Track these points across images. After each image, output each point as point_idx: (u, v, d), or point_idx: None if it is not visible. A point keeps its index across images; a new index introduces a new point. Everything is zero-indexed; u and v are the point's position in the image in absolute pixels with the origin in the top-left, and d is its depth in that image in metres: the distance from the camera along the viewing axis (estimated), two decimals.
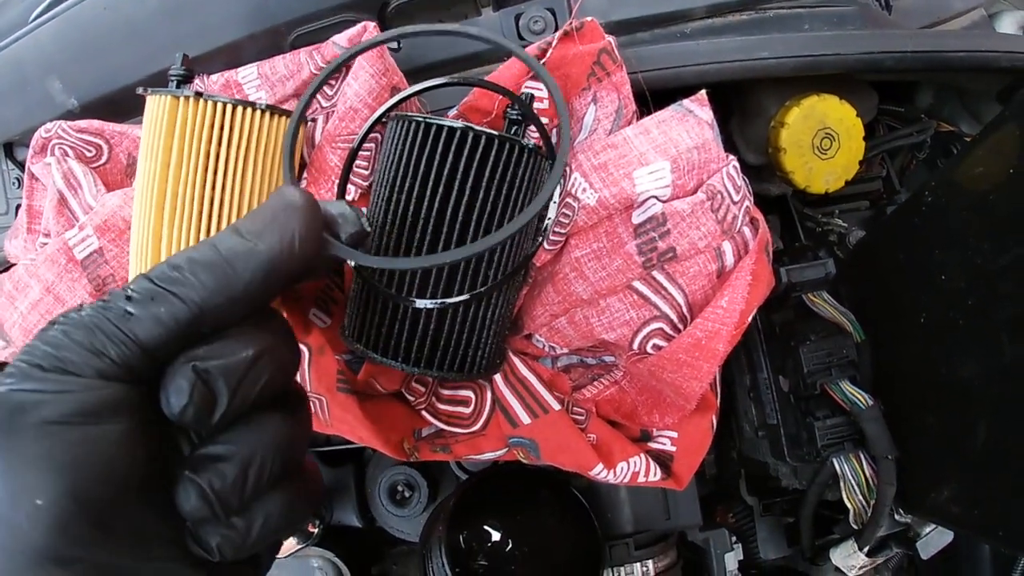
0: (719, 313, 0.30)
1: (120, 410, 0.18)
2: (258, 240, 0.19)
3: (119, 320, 0.18)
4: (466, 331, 0.30)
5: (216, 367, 0.18)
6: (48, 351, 0.18)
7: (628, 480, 0.34)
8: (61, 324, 0.18)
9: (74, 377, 0.18)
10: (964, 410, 0.39)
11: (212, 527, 0.19)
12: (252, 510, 0.19)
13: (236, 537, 0.19)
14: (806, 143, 0.42)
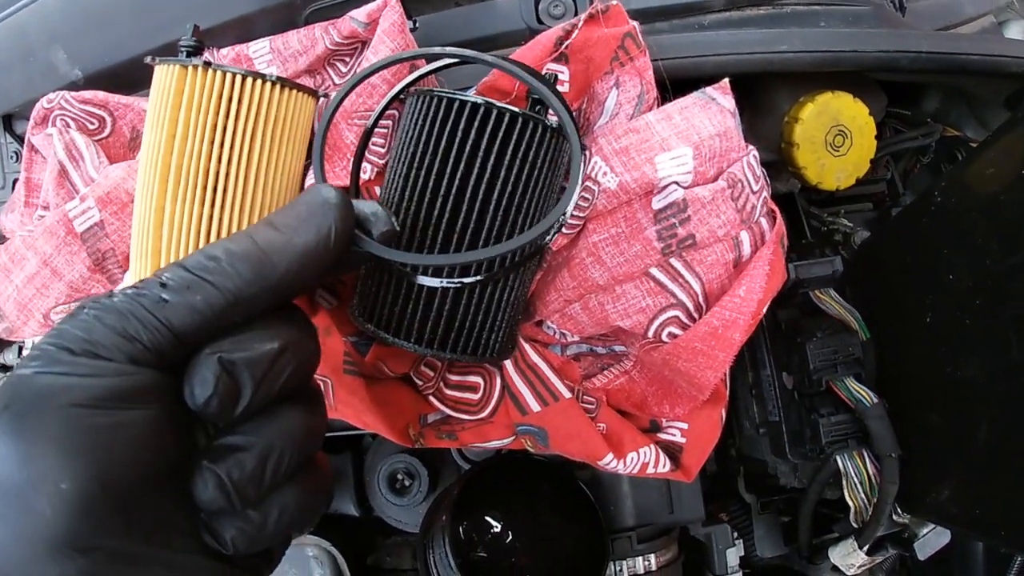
0: (736, 302, 0.29)
1: (150, 396, 0.18)
2: (294, 234, 0.20)
3: (154, 306, 0.18)
4: (480, 313, 0.29)
5: (242, 359, 0.19)
6: (78, 335, 0.18)
7: (638, 471, 0.34)
8: (92, 308, 0.18)
9: (105, 361, 0.17)
10: (968, 410, 0.39)
11: (228, 519, 0.19)
12: (268, 503, 0.19)
13: (251, 530, 0.19)
14: (819, 139, 0.42)
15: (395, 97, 0.32)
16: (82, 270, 0.36)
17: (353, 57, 0.37)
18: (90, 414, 0.17)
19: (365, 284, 0.30)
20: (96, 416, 0.17)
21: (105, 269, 0.37)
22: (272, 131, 0.30)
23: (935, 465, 0.43)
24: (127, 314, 0.18)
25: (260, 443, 0.19)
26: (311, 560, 0.46)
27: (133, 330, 0.18)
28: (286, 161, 0.31)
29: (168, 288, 0.19)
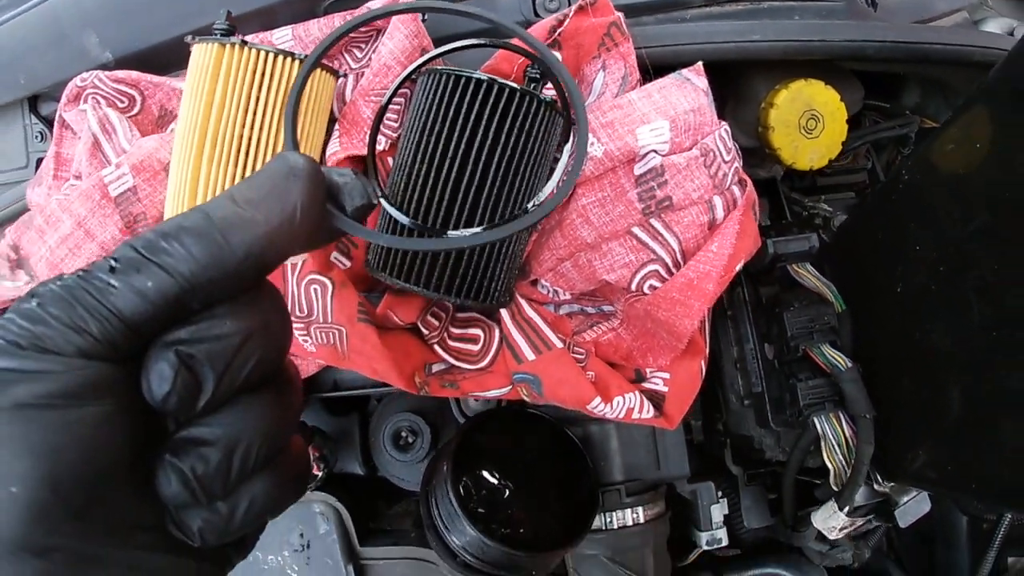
0: (709, 256, 0.35)
1: (102, 391, 0.17)
2: (255, 210, 0.18)
3: (100, 293, 0.17)
4: (483, 262, 0.34)
5: (201, 351, 0.17)
6: (25, 326, 0.17)
7: (623, 416, 0.39)
8: (38, 296, 0.17)
9: (53, 356, 0.16)
10: (936, 374, 0.44)
11: (194, 511, 0.19)
12: (237, 494, 0.19)
13: (219, 522, 0.19)
14: (793, 122, 0.48)
15: (408, 77, 0.38)
16: (114, 232, 0.41)
17: (368, 44, 0.43)
18: (39, 413, 0.16)
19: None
20: (46, 415, 0.16)
21: (135, 232, 0.42)
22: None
23: (910, 431, 0.49)
24: (73, 302, 0.17)
25: (225, 436, 0.18)
26: (317, 516, 0.51)
27: (81, 320, 0.17)
28: (309, 130, 0.37)
29: (116, 272, 0.17)
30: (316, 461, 0.49)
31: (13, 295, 0.45)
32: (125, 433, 0.17)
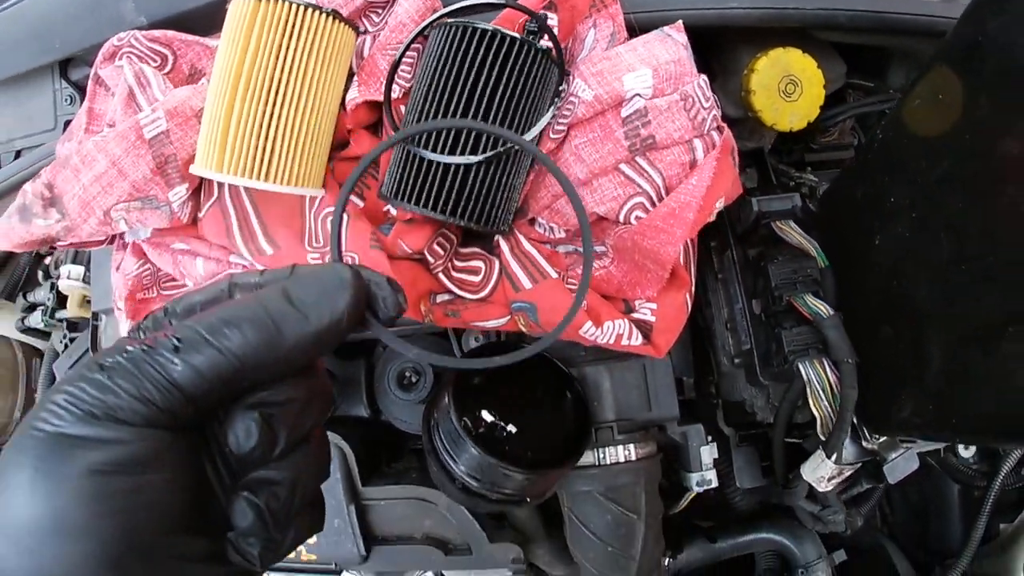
0: (689, 188, 0.40)
1: (166, 457, 0.21)
2: (308, 311, 0.23)
3: (164, 368, 0.21)
4: (485, 189, 0.40)
5: (278, 412, 0.23)
6: (98, 397, 0.20)
7: (613, 341, 0.44)
8: (107, 369, 0.20)
9: (125, 426, 0.20)
10: (914, 321, 0.49)
11: (256, 539, 0.23)
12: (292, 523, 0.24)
13: (275, 547, 0.23)
14: (772, 86, 0.53)
15: (420, 32, 0.44)
16: (145, 171, 0.47)
17: (385, 9, 0.49)
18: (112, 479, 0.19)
19: (393, 168, 0.41)
20: (118, 480, 0.19)
21: (165, 173, 0.48)
22: (323, 52, 0.42)
23: (893, 380, 0.53)
24: (140, 376, 0.20)
25: (290, 477, 0.23)
26: None
27: (148, 392, 0.20)
28: (331, 78, 0.43)
29: (180, 351, 0.21)
30: None
31: (44, 233, 0.50)
32: (187, 490, 0.22)
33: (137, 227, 0.50)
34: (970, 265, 0.41)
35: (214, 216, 0.49)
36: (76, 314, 0.72)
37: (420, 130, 0.36)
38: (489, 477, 0.45)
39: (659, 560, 0.59)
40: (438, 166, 0.40)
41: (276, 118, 0.41)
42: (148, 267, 0.54)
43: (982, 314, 0.41)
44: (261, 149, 0.41)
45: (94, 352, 0.66)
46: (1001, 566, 0.72)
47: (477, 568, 0.58)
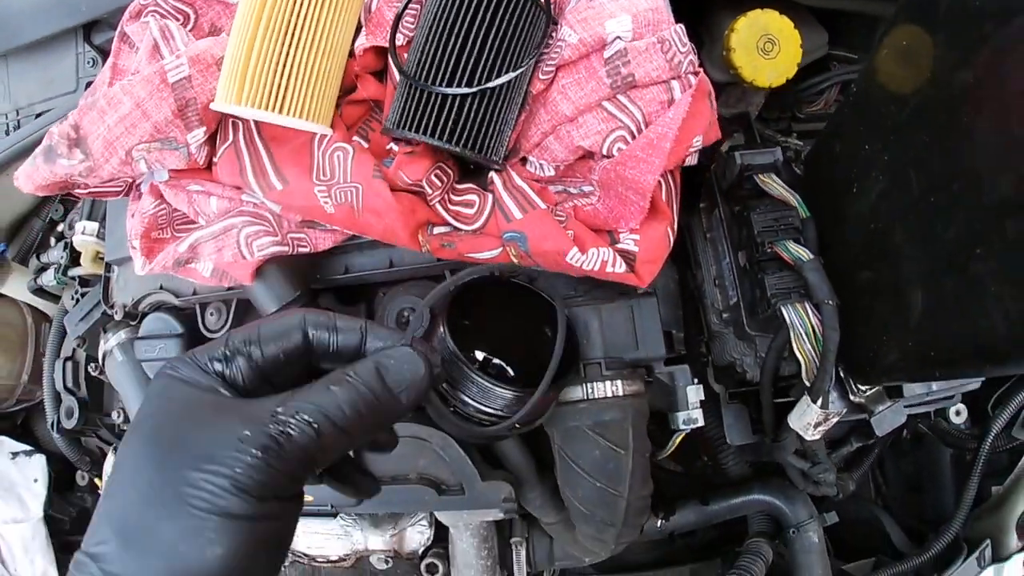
0: (666, 120, 0.46)
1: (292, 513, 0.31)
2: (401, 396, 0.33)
3: (306, 452, 0.30)
4: (479, 119, 0.46)
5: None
6: (257, 480, 0.29)
7: (598, 268, 0.49)
8: (264, 450, 0.29)
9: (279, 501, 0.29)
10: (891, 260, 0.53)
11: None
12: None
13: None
14: (751, 45, 0.59)
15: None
16: (167, 113, 0.53)
17: None
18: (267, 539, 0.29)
19: (397, 101, 0.47)
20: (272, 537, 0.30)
21: (185, 116, 0.53)
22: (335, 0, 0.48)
23: (877, 326, 0.57)
24: (291, 460, 0.29)
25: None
26: None
27: (297, 472, 0.30)
28: (342, 24, 0.49)
29: (320, 435, 0.30)
30: None
31: (66, 172, 0.56)
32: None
33: (156, 167, 0.56)
34: (937, 195, 0.46)
35: (228, 158, 0.55)
36: (89, 270, 0.77)
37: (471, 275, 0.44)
38: (482, 398, 0.49)
39: (647, 504, 0.63)
40: (437, 99, 0.45)
41: (291, 57, 0.47)
42: (164, 208, 0.59)
43: (950, 240, 0.45)
44: (277, 84, 0.47)
45: (105, 303, 0.71)
46: (994, 526, 0.75)
47: (470, 508, 0.62)
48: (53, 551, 0.84)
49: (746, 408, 0.72)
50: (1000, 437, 0.76)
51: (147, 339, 0.68)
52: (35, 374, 0.93)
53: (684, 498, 0.81)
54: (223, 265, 0.56)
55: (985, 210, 0.41)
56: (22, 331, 0.92)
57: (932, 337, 0.49)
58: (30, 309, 0.94)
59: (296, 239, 0.56)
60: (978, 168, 0.41)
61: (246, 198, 0.56)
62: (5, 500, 0.81)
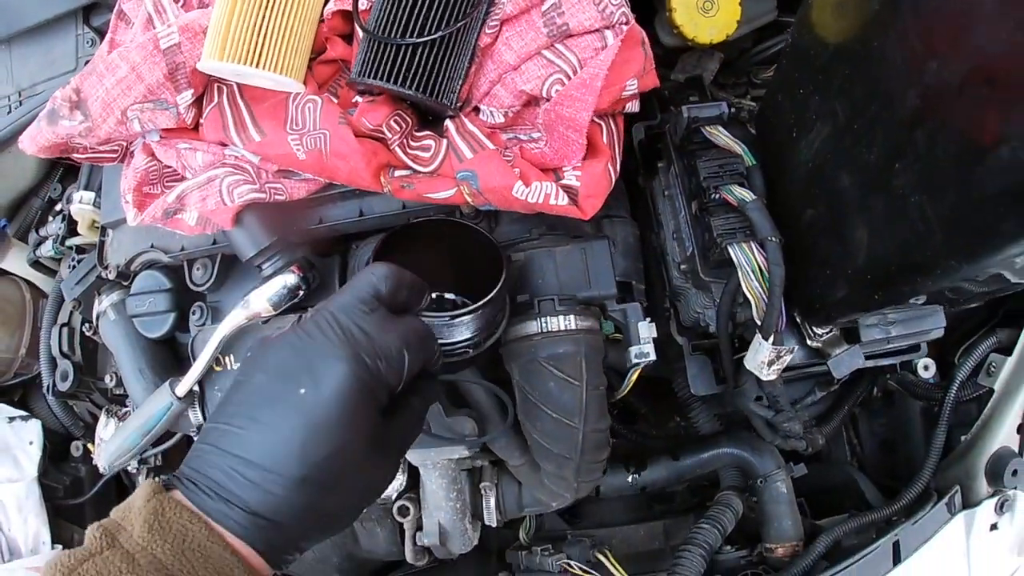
0: (597, 63, 0.55)
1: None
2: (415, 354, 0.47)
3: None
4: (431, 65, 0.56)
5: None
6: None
7: (541, 201, 0.58)
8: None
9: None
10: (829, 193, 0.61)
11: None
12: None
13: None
14: (691, 4, 0.68)
15: None
16: (159, 76, 0.63)
17: None
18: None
19: (360, 57, 0.57)
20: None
21: (175, 79, 0.64)
22: None
23: (823, 262, 0.65)
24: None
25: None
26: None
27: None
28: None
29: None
30: (300, 281, 0.68)
31: (67, 133, 0.66)
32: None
33: (148, 126, 0.66)
34: (859, 121, 0.55)
35: (213, 116, 0.65)
36: (86, 238, 0.88)
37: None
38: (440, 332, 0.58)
39: (605, 439, 0.71)
40: (394, 49, 0.55)
41: (267, 19, 0.57)
42: (155, 164, 0.70)
43: (874, 161, 0.53)
44: (254, 42, 0.57)
45: (100, 264, 0.81)
46: (963, 472, 0.81)
47: (436, 446, 0.70)
48: (47, 512, 0.93)
49: (709, 360, 0.80)
50: (966, 386, 0.82)
51: (138, 295, 0.78)
52: (32, 348, 1.03)
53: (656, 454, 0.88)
54: (207, 213, 0.65)
55: (898, 125, 0.49)
56: (20, 306, 1.03)
57: (869, 261, 0.57)
58: (28, 285, 1.05)
59: (273, 188, 0.65)
60: (890, 88, 0.49)
61: (229, 152, 0.66)
62: (0, 461, 0.90)
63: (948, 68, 0.43)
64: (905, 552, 0.77)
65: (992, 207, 0.42)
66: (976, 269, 0.47)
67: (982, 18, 0.40)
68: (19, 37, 0.91)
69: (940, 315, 0.74)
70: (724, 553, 0.82)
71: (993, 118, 0.40)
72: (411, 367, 0.46)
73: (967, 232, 0.45)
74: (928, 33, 0.45)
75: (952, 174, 0.45)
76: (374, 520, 0.78)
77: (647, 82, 0.61)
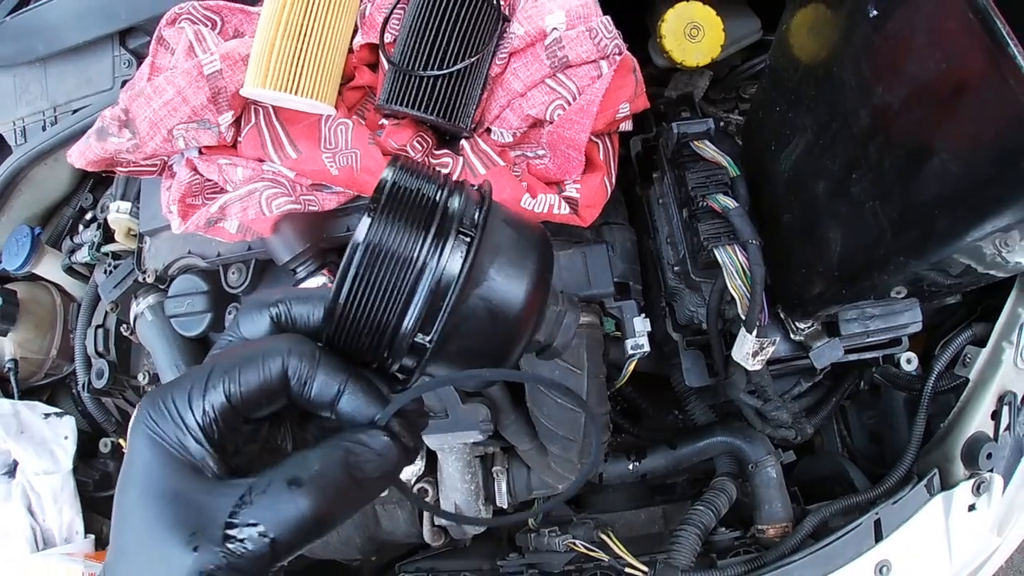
0: (594, 90, 0.67)
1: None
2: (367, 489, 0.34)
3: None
4: (448, 93, 0.67)
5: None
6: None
7: (546, 211, 0.70)
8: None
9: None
10: (800, 192, 0.73)
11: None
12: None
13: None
14: (679, 31, 0.80)
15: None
16: (203, 99, 0.75)
17: None
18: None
19: (386, 86, 0.69)
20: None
21: (217, 101, 0.76)
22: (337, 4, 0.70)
23: (800, 262, 0.77)
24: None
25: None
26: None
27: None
28: (342, 23, 0.71)
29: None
30: (330, 282, 0.80)
31: (115, 149, 0.78)
32: None
33: (192, 143, 0.78)
34: (823, 136, 0.66)
35: (252, 135, 0.77)
36: (121, 244, 1.00)
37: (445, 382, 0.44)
38: None
39: (606, 423, 0.82)
40: (416, 80, 0.67)
41: (304, 51, 0.69)
42: (197, 178, 0.82)
43: (836, 171, 0.65)
44: (293, 71, 0.69)
45: (138, 268, 0.93)
46: (941, 456, 0.92)
47: (452, 431, 0.82)
48: (80, 503, 1.05)
49: (702, 354, 0.92)
50: (944, 377, 0.94)
51: (176, 297, 0.90)
52: (62, 350, 1.15)
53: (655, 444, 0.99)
54: (247, 222, 0.77)
55: (854, 140, 0.60)
56: (52, 310, 1.15)
57: (837, 260, 0.69)
58: (59, 291, 1.17)
59: (307, 200, 0.77)
60: (847, 108, 0.61)
61: (266, 167, 0.78)
62: (38, 453, 1.02)
63: (891, 92, 0.55)
64: (887, 530, 0.88)
65: (929, 210, 0.53)
66: (922, 263, 0.59)
67: (915, 49, 0.51)
68: (54, 57, 1.03)
69: (917, 310, 0.86)
70: (719, 534, 0.93)
71: (926, 134, 0.52)
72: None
73: (911, 232, 0.57)
74: (874, 61, 0.56)
75: (897, 182, 0.56)
76: (395, 503, 0.89)
77: (638, 104, 0.73)
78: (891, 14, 0.53)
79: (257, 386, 0.34)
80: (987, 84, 0.43)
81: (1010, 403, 0.89)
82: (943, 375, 0.94)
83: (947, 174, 0.51)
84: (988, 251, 0.58)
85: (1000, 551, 0.97)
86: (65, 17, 0.99)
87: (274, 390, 0.34)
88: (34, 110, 1.05)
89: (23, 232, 1.08)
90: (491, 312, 0.35)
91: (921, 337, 1.03)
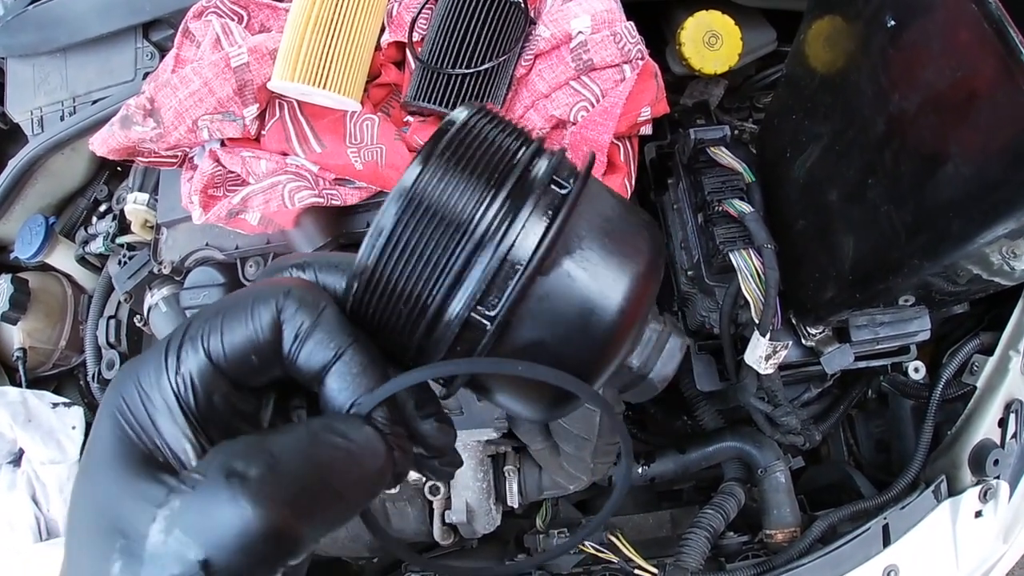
0: (617, 93, 0.70)
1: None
2: (347, 492, 0.25)
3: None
4: (475, 92, 0.70)
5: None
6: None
7: None
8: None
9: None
10: (815, 202, 0.76)
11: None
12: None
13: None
14: (698, 39, 0.84)
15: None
16: (229, 91, 0.78)
17: None
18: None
19: (414, 83, 0.72)
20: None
21: (243, 94, 0.79)
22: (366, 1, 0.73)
23: (813, 267, 0.80)
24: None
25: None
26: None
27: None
28: (370, 20, 0.74)
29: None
30: None
31: (139, 138, 0.81)
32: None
33: (216, 135, 0.81)
34: (840, 143, 0.70)
35: (276, 129, 0.80)
36: (137, 235, 1.02)
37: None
38: None
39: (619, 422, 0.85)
40: (444, 78, 0.70)
41: (333, 45, 0.72)
42: (220, 170, 0.84)
43: (852, 177, 0.68)
44: (322, 65, 0.72)
45: (154, 259, 0.96)
46: (948, 463, 0.95)
47: (467, 428, 0.84)
48: None
49: (713, 359, 0.95)
50: (951, 385, 0.97)
51: (192, 289, 0.92)
52: (71, 341, 1.17)
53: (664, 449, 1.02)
54: (269, 214, 0.80)
55: (870, 147, 0.64)
56: (62, 300, 1.17)
57: (850, 264, 0.72)
58: (70, 281, 1.19)
59: (330, 194, 0.80)
60: (863, 115, 0.64)
61: (290, 161, 0.81)
62: (44, 443, 1.03)
63: (906, 99, 0.58)
64: (895, 535, 0.90)
65: (942, 213, 0.56)
66: (936, 266, 0.62)
67: (931, 58, 0.54)
68: (75, 47, 1.06)
69: (926, 318, 0.89)
70: (727, 538, 0.95)
71: (940, 140, 0.55)
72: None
73: (925, 235, 0.60)
74: (891, 70, 0.59)
75: (912, 187, 0.59)
76: (405, 500, 0.91)
77: (659, 109, 0.76)
78: (908, 24, 0.56)
79: (243, 339, 0.26)
80: (1000, 91, 0.47)
81: (1017, 411, 0.92)
82: (951, 383, 0.97)
83: (960, 178, 0.54)
84: (995, 259, 0.61)
85: (1006, 558, 0.99)
86: (89, 8, 1.02)
87: (263, 347, 0.26)
88: (52, 100, 1.08)
89: (37, 221, 1.11)
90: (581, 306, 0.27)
91: (929, 348, 1.06)
